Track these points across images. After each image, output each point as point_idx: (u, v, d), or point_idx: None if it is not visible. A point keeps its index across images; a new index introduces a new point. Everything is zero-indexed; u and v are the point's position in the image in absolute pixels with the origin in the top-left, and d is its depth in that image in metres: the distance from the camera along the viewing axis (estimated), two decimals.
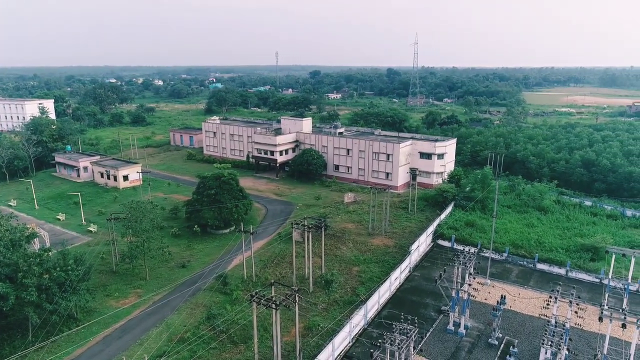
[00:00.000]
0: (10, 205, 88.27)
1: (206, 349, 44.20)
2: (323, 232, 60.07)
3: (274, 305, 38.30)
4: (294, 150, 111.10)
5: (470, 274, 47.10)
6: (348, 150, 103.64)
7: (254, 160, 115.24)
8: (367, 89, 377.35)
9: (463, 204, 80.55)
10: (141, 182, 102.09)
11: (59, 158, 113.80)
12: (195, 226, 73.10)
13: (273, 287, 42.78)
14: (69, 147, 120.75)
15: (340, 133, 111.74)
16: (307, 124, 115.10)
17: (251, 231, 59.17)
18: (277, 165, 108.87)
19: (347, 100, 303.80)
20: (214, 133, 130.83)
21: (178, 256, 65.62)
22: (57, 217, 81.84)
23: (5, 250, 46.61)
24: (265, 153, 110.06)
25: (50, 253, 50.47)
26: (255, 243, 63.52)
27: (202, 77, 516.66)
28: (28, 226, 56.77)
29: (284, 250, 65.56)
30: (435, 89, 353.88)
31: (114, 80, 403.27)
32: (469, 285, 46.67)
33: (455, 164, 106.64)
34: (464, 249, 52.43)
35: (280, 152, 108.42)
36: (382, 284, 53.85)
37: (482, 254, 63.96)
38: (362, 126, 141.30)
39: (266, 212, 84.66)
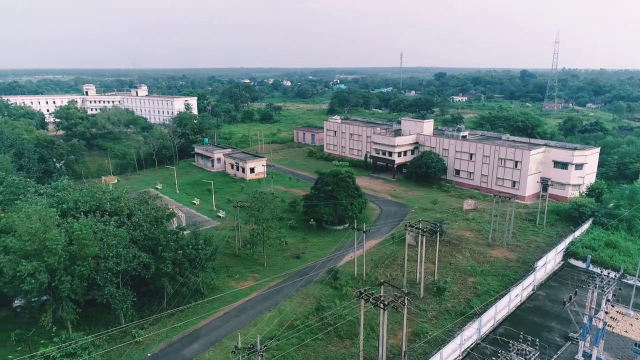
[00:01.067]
0: (157, 188, 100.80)
1: (313, 339, 45.50)
2: (438, 238, 57.81)
3: (382, 305, 37.90)
4: (412, 152, 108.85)
5: (608, 300, 41.34)
6: (471, 154, 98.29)
7: (371, 160, 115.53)
8: (497, 92, 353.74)
9: (604, 222, 71.11)
10: (265, 175, 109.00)
11: (197, 149, 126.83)
12: (311, 220, 75.70)
13: (382, 287, 42.38)
14: (207, 139, 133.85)
15: (464, 136, 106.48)
16: (428, 125, 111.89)
17: (364, 230, 59.46)
18: (395, 166, 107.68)
19: (473, 103, 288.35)
20: (335, 132, 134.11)
21: (293, 247, 68.61)
22: (193, 201, 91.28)
23: (150, 226, 53.26)
24: (384, 153, 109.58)
25: (185, 232, 56.52)
26: (367, 242, 63.63)
27: (327, 79, 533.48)
28: (169, 207, 64.25)
29: (396, 252, 64.60)
30: (577, 92, 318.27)
31: (247, 81, 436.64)
32: (606, 313, 41.00)
33: (596, 176, 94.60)
34: (601, 272, 46.22)
35: (399, 154, 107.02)
36: (500, 298, 50.05)
37: (625, 280, 55.82)
38: (488, 130, 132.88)
39: (380, 212, 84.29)
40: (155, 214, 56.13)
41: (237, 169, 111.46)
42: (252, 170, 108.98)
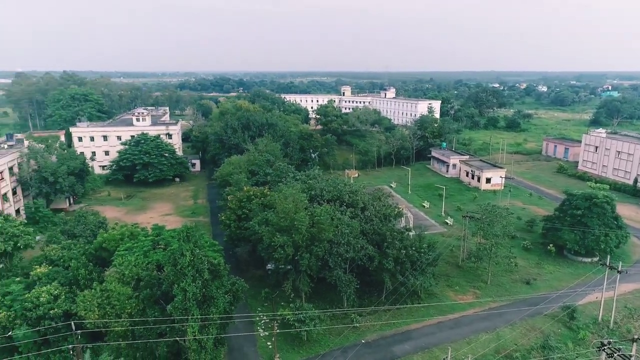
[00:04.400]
0: (391, 186, 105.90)
1: None
2: None
3: None
4: None
5: None
6: None
7: None
8: None
9: None
10: (502, 187, 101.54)
11: (434, 153, 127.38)
12: (550, 245, 67.03)
13: (635, 344, 34.41)
14: (444, 144, 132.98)
15: None
16: None
17: (619, 269, 49.18)
18: None
19: None
20: (596, 147, 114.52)
21: (524, 271, 62.19)
22: (423, 204, 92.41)
23: (379, 221, 56.43)
24: None
25: (410, 233, 57.83)
26: (621, 284, 52.49)
27: (594, 84, 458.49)
28: (399, 206, 66.72)
29: None
30: None
31: (497, 85, 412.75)
32: None
33: None
34: None
35: None
36: None
37: None
38: None
39: None
40: (385, 211, 59.15)
41: (472, 177, 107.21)
42: (488, 180, 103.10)
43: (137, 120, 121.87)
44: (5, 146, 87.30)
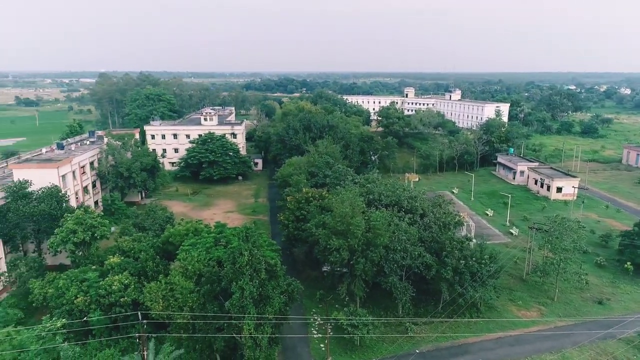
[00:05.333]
0: (453, 192, 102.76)
1: None
2: None
3: None
4: None
5: None
6: None
7: None
8: None
9: None
10: (575, 198, 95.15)
11: (500, 159, 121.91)
12: (628, 263, 61.95)
13: None
14: (512, 149, 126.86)
15: None
16: None
17: None
18: None
19: None
20: None
21: (596, 289, 57.97)
22: (486, 212, 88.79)
23: (438, 230, 54.99)
24: None
25: (471, 243, 55.84)
26: None
27: None
28: (460, 214, 64.61)
29: None
30: None
31: (573, 87, 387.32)
32: None
33: None
34: None
35: None
36: None
37: None
38: None
39: None
40: (445, 219, 57.53)
41: (541, 186, 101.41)
42: (559, 189, 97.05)
43: (205, 120, 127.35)
44: (88, 142, 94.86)
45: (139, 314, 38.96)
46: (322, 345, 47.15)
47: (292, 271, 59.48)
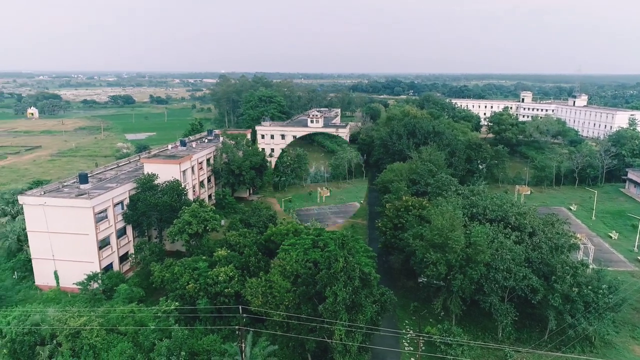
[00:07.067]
0: (570, 209, 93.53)
1: None
2: None
3: None
4: None
5: None
6: None
7: None
8: None
9: None
10: None
11: (632, 174, 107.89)
12: None
13: None
14: None
15: None
16: None
17: None
18: None
19: None
20: None
21: None
22: (610, 234, 79.40)
23: (549, 251, 50.58)
24: None
25: (588, 269, 50.45)
26: None
27: None
28: (577, 236, 58.68)
29: None
30: None
31: None
32: None
33: None
34: None
35: None
36: None
37: None
38: None
39: None
40: (558, 240, 52.70)
41: None
42: None
43: (311, 121, 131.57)
44: (206, 140, 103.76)
45: (240, 307, 41.79)
46: (412, 359, 46.24)
47: (387, 279, 59.11)
